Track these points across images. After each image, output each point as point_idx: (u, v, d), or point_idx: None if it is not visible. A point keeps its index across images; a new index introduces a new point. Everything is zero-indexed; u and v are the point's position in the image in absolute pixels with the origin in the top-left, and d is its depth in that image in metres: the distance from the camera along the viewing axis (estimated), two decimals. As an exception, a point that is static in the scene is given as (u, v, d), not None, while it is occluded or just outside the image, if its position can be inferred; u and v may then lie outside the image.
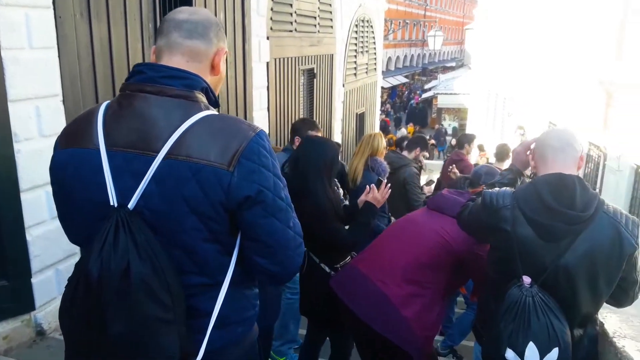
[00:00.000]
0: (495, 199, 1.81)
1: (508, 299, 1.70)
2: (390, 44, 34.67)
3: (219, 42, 1.41)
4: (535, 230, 1.70)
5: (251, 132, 1.29)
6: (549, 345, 1.62)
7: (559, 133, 1.89)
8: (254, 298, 1.49)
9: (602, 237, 1.67)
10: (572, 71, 11.79)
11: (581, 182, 1.73)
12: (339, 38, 9.19)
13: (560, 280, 1.68)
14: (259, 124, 6.56)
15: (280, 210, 1.31)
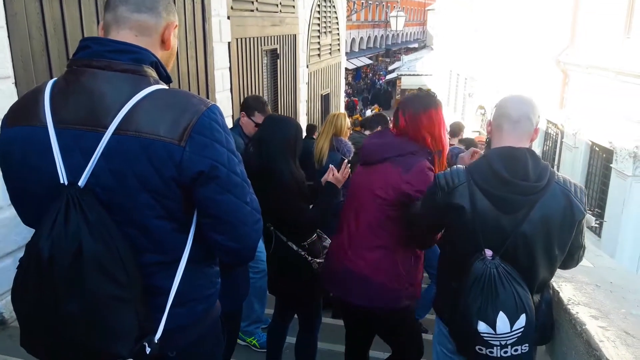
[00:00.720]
0: (449, 178, 1.84)
1: (473, 274, 1.74)
2: (354, 25, 34.58)
3: (168, 16, 1.37)
4: (493, 204, 1.74)
5: (203, 107, 1.26)
6: (517, 312, 1.69)
7: (518, 103, 1.88)
8: (215, 276, 1.48)
9: (555, 205, 1.73)
10: (530, 52, 12.05)
11: (532, 154, 1.78)
12: (301, 18, 9.12)
13: (519, 250, 1.74)
14: (222, 105, 6.49)
15: (236, 185, 1.29)
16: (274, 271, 2.96)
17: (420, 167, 2.23)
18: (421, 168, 2.23)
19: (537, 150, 12.41)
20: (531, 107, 1.85)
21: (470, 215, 1.76)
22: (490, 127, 1.91)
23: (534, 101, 1.88)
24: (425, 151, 2.30)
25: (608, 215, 9.11)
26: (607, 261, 2.68)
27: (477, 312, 1.72)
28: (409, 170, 2.23)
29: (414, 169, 2.22)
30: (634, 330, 1.65)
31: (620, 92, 8.56)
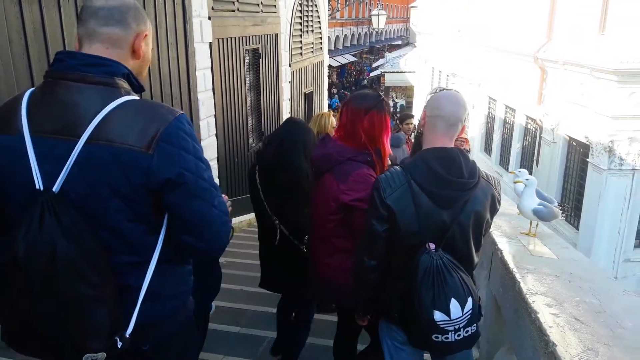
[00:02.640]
0: (390, 179, 1.93)
1: (421, 267, 1.85)
2: (338, 23, 34.63)
3: (138, 26, 1.42)
4: (432, 201, 1.87)
5: (170, 116, 1.34)
6: (465, 297, 1.83)
7: (455, 107, 1.97)
8: (187, 274, 1.56)
9: (483, 198, 1.91)
10: (510, 49, 12.23)
11: (462, 153, 1.94)
12: (283, 17, 9.18)
13: (457, 240, 1.90)
14: (205, 105, 6.55)
15: (204, 190, 1.37)
16: (275, 265, 3.07)
17: (356, 176, 2.26)
18: (358, 176, 2.27)
19: (516, 145, 12.63)
20: (463, 108, 1.98)
21: (412, 213, 1.87)
22: (424, 120, 2.01)
23: (464, 101, 2.00)
24: (363, 154, 2.32)
25: (585, 208, 9.32)
26: (572, 253, 2.80)
27: (431, 302, 1.83)
28: (345, 180, 2.27)
29: (350, 177, 2.26)
30: (584, 316, 1.78)
31: (595, 87, 8.77)
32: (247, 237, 7.73)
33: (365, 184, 2.25)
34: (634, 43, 7.96)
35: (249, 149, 8.23)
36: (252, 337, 4.01)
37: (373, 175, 2.29)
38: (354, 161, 2.31)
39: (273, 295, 5.05)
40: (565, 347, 1.53)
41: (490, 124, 14.95)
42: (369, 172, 2.30)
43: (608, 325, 1.70)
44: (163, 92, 5.56)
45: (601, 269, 2.51)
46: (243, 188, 8.22)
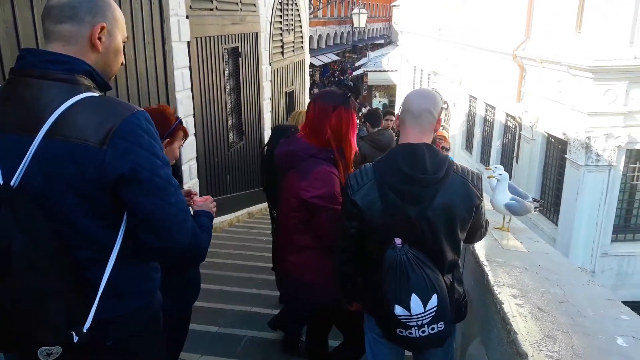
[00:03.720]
0: (359, 177, 1.97)
1: (386, 262, 1.88)
2: (320, 22, 34.68)
3: (94, 19, 1.41)
4: (399, 197, 1.89)
5: (127, 112, 1.34)
6: (428, 293, 1.83)
7: (419, 99, 2.01)
8: (152, 271, 1.57)
9: (454, 193, 1.90)
10: (490, 47, 12.35)
11: (430, 148, 1.94)
12: (263, 16, 9.17)
13: (426, 236, 1.90)
14: (183, 105, 6.53)
15: (160, 187, 1.37)
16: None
17: (317, 173, 2.28)
18: (318, 173, 2.28)
19: (497, 143, 12.77)
20: (432, 101, 1.99)
21: (380, 209, 1.90)
22: (398, 121, 2.04)
23: (435, 95, 2.03)
24: (326, 152, 2.34)
25: (564, 204, 9.45)
26: (542, 246, 2.85)
27: (392, 296, 1.85)
28: (306, 177, 2.29)
29: (311, 175, 2.28)
30: (547, 306, 1.81)
31: (572, 85, 8.90)
32: (227, 237, 7.73)
33: (325, 182, 2.27)
34: (608, 41, 8.09)
35: (229, 148, 8.21)
36: (231, 336, 4.01)
37: (334, 172, 2.31)
38: (316, 158, 2.32)
39: (253, 295, 5.09)
40: (526, 335, 1.56)
41: (471, 121, 15.09)
42: (330, 169, 2.31)
43: (569, 313, 1.73)
44: (140, 91, 5.52)
45: (568, 261, 2.55)
46: (224, 188, 8.20)
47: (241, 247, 7.19)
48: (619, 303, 1.88)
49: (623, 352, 1.43)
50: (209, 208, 1.95)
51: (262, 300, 4.92)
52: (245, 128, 8.87)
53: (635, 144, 8.77)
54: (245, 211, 9.11)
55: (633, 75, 8.25)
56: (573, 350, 1.44)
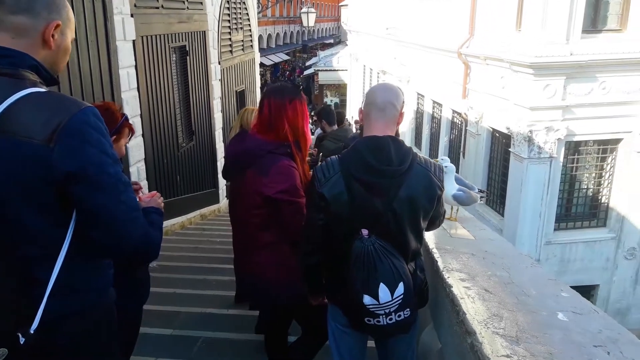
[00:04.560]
0: (325, 169, 2.00)
1: (354, 253, 1.92)
2: (269, 21, 34.55)
3: (50, 15, 1.37)
4: (365, 189, 1.93)
5: (74, 109, 1.31)
6: (395, 282, 1.88)
7: (383, 92, 2.06)
8: (104, 267, 1.53)
9: (418, 184, 1.95)
10: (435, 45, 12.67)
11: (395, 140, 1.99)
12: (210, 14, 9.06)
13: (391, 226, 1.95)
14: (130, 105, 6.36)
15: (109, 185, 1.34)
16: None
17: (278, 168, 2.30)
18: (279, 168, 2.30)
19: (444, 139, 13.12)
20: (395, 94, 2.04)
21: (346, 201, 1.93)
22: (362, 114, 2.08)
23: (398, 89, 2.09)
24: (283, 146, 2.36)
25: (509, 196, 9.82)
26: (488, 234, 2.96)
27: (361, 286, 1.90)
28: (267, 173, 2.31)
29: (272, 170, 2.30)
30: (493, 287, 1.89)
31: (514, 81, 9.25)
32: (179, 240, 7.59)
33: (287, 176, 2.29)
34: (546, 39, 8.46)
35: (179, 149, 8.06)
36: (186, 338, 3.96)
37: (294, 166, 2.34)
38: (274, 154, 2.34)
39: (207, 296, 5.03)
40: (474, 314, 1.62)
41: (419, 119, 15.43)
42: (290, 163, 2.34)
43: (514, 293, 1.81)
44: (84, 91, 5.34)
45: (513, 247, 2.67)
46: (174, 189, 8.06)
47: (194, 249, 7.08)
48: (560, 282, 1.99)
49: (563, 326, 1.52)
50: (157, 204, 1.91)
51: (217, 300, 4.89)
52: (195, 128, 8.73)
53: (574, 137, 9.22)
54: (197, 213, 8.97)
55: (570, 71, 8.67)
56: (518, 325, 1.51)
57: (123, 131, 2.45)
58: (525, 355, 1.30)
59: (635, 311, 10.31)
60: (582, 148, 9.58)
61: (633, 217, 9.72)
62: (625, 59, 8.62)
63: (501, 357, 1.29)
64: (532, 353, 1.31)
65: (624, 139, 9.34)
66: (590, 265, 10.04)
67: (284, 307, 2.58)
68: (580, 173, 9.80)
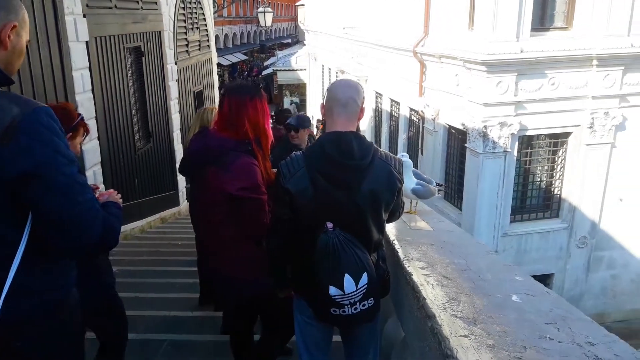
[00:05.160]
0: (290, 165, 2.04)
1: (319, 245, 1.96)
2: (226, 21, 34.25)
3: (7, 16, 1.37)
4: (329, 183, 1.98)
5: (28, 108, 1.30)
6: (359, 272, 1.94)
7: (345, 88, 2.11)
8: (65, 267, 1.52)
9: (379, 178, 2.02)
10: (392, 44, 12.86)
11: (357, 136, 2.05)
12: (165, 14, 8.93)
13: (354, 219, 2.01)
14: (84, 107, 6.21)
15: (64, 185, 1.33)
16: None
17: (239, 165, 2.31)
18: (241, 165, 2.32)
19: (403, 136, 13.33)
20: (356, 90, 2.10)
21: (311, 195, 1.97)
22: (324, 110, 2.12)
23: (358, 85, 2.15)
24: (243, 144, 2.37)
25: (466, 190, 10.08)
26: (446, 225, 3.06)
27: (326, 278, 1.95)
28: (229, 170, 2.31)
29: (233, 167, 2.31)
30: (451, 274, 1.96)
31: (468, 78, 9.50)
32: (140, 244, 7.46)
33: (248, 173, 2.31)
34: (497, 37, 8.73)
35: (136, 151, 7.92)
36: (151, 341, 3.92)
37: (255, 163, 2.36)
38: (236, 151, 2.35)
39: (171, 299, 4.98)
40: (433, 299, 1.68)
41: (378, 117, 15.63)
42: (251, 161, 2.35)
43: (471, 279, 1.89)
44: (36, 93, 5.18)
45: (470, 236, 2.77)
46: (132, 193, 7.90)
47: (155, 252, 6.98)
48: (514, 267, 2.08)
49: (516, 306, 1.60)
50: (115, 199, 1.91)
51: (181, 303, 4.85)
52: (152, 130, 8.59)
53: (526, 131, 9.54)
54: (157, 216, 8.83)
55: (520, 68, 8.97)
56: (474, 308, 1.58)
57: (79, 130, 2.52)
58: (482, 334, 1.37)
59: (588, 298, 10.76)
60: (535, 142, 9.92)
61: (584, 207, 10.13)
62: (571, 55, 8.99)
63: (460, 337, 1.35)
64: (488, 332, 1.38)
65: (573, 132, 9.73)
66: (545, 255, 10.41)
67: (249, 303, 2.60)
68: (533, 166, 10.15)
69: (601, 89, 9.27)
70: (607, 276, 10.76)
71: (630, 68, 9.26)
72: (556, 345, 1.30)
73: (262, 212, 2.30)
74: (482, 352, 1.27)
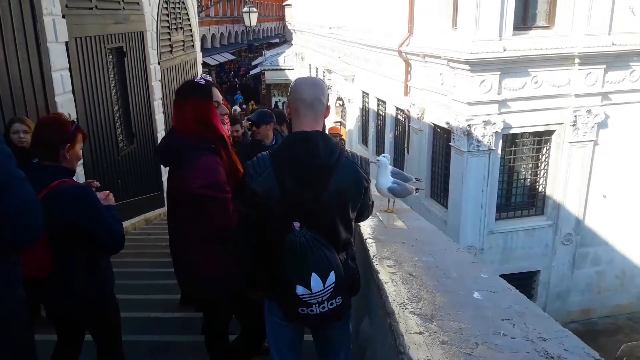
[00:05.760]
0: (257, 165, 2.04)
1: (287, 245, 1.96)
2: (213, 21, 34.13)
3: None
4: (296, 183, 1.98)
5: None
6: (326, 271, 1.94)
7: (310, 87, 2.10)
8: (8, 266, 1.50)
9: (346, 177, 2.03)
10: (378, 44, 12.90)
11: (323, 135, 2.06)
12: (148, 15, 8.88)
13: (322, 218, 2.01)
14: (64, 109, 6.16)
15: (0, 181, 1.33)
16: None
17: (200, 163, 2.31)
18: (202, 163, 2.31)
19: (389, 135, 13.37)
20: (321, 89, 2.10)
21: (278, 195, 1.97)
22: (290, 109, 2.12)
23: (323, 83, 2.15)
24: (207, 142, 2.37)
25: (452, 188, 10.13)
26: (421, 223, 3.08)
27: (294, 277, 1.95)
28: (190, 169, 2.31)
29: (193, 165, 2.31)
30: (417, 272, 1.97)
31: (452, 77, 9.54)
32: (124, 245, 7.41)
33: (209, 171, 2.30)
34: (480, 36, 8.78)
35: (119, 152, 7.87)
36: (131, 343, 3.85)
37: (217, 162, 2.35)
38: (198, 149, 2.34)
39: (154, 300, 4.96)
40: (395, 297, 1.69)
41: (365, 116, 15.66)
42: (213, 159, 2.35)
43: (436, 276, 1.90)
44: (14, 95, 5.13)
45: (442, 234, 2.78)
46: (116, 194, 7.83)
47: (139, 254, 6.94)
48: (480, 265, 2.10)
49: (476, 303, 1.61)
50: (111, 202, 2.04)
51: (163, 304, 4.83)
52: (135, 130, 8.54)
53: (510, 129, 9.60)
54: (141, 217, 8.79)
55: (504, 67, 9.02)
56: (434, 305, 1.59)
57: (76, 138, 2.51)
58: (437, 331, 1.38)
59: (574, 294, 10.86)
60: (519, 140, 9.99)
61: (568, 204, 10.22)
62: (554, 54, 9.06)
63: (414, 334, 1.36)
64: (443, 329, 1.39)
65: (557, 130, 9.81)
66: (530, 252, 10.48)
67: (221, 303, 2.59)
68: (518, 164, 10.21)
69: (583, 87, 9.35)
70: (592, 272, 10.87)
71: (612, 66, 9.35)
72: (509, 341, 1.31)
73: (225, 211, 2.30)
74: (435, 348, 1.27)
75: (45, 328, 4.34)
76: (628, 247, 10.66)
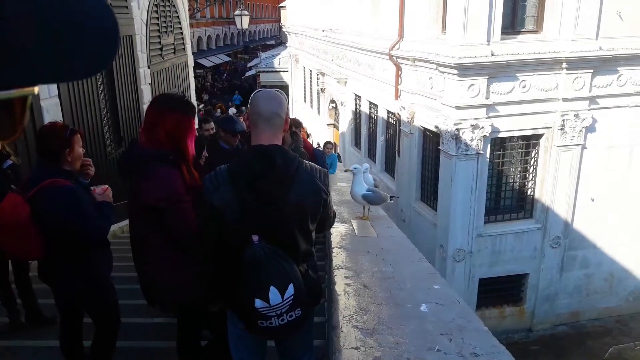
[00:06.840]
0: (214, 179, 2.06)
1: (245, 259, 1.98)
2: (208, 22, 34.11)
3: None
4: (253, 196, 2.00)
5: None
6: (285, 284, 1.96)
7: (268, 102, 2.11)
8: None
9: (305, 189, 2.05)
10: (369, 47, 12.92)
11: (280, 149, 2.07)
12: (137, 18, 8.89)
13: (280, 231, 2.03)
14: (50, 113, 6.17)
15: None
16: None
17: (157, 175, 2.33)
18: (159, 175, 2.33)
19: (381, 138, 13.41)
20: (279, 103, 2.12)
21: (236, 209, 1.99)
22: (248, 122, 2.14)
23: (281, 97, 2.16)
24: (164, 154, 2.38)
25: (441, 192, 10.16)
26: (391, 231, 3.11)
27: (252, 291, 1.96)
28: (147, 180, 2.34)
29: (151, 177, 2.33)
30: (372, 283, 2.00)
31: (441, 81, 9.58)
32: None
33: (165, 183, 2.31)
34: (469, 40, 8.82)
35: (107, 156, 7.88)
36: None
37: (175, 173, 2.37)
38: (156, 161, 2.36)
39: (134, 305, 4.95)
40: (343, 310, 1.72)
41: (357, 119, 15.69)
42: (170, 170, 2.36)
43: (389, 288, 1.93)
44: (-3, 100, 5.14)
45: (409, 242, 2.81)
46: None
47: (124, 258, 6.93)
48: (437, 276, 2.13)
49: (421, 316, 1.64)
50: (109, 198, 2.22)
51: (143, 310, 4.83)
52: (124, 134, 8.55)
53: (498, 133, 9.64)
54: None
55: (492, 71, 9.07)
56: (379, 318, 1.62)
57: (74, 141, 2.70)
58: (373, 345, 1.41)
59: (562, 296, 10.91)
60: (507, 144, 10.04)
61: (557, 208, 10.27)
62: (541, 58, 9.11)
63: (350, 349, 1.39)
64: (380, 344, 1.42)
65: (545, 134, 9.86)
66: (519, 255, 10.53)
67: (184, 310, 2.62)
68: (506, 168, 10.26)
69: (571, 92, 9.41)
70: (580, 275, 10.92)
71: (599, 71, 9.41)
72: (441, 356, 1.34)
73: (182, 220, 2.32)
74: (366, 364, 1.31)
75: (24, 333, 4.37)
76: (616, 250, 10.71)
